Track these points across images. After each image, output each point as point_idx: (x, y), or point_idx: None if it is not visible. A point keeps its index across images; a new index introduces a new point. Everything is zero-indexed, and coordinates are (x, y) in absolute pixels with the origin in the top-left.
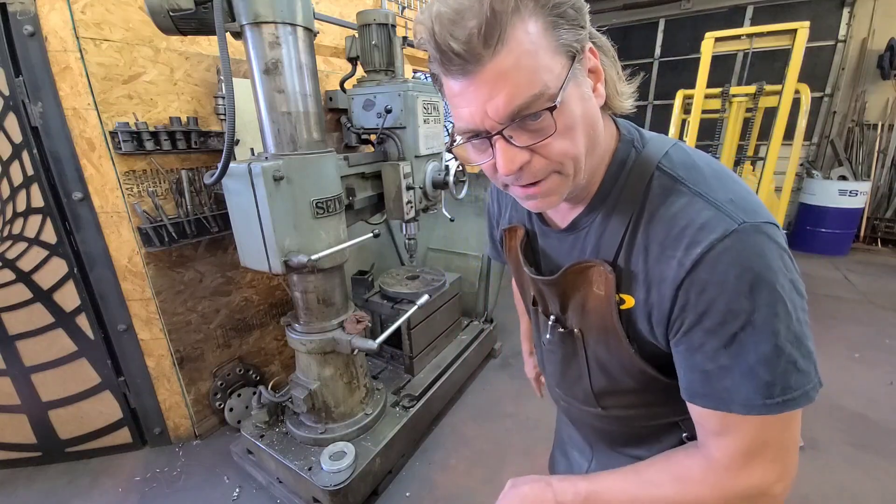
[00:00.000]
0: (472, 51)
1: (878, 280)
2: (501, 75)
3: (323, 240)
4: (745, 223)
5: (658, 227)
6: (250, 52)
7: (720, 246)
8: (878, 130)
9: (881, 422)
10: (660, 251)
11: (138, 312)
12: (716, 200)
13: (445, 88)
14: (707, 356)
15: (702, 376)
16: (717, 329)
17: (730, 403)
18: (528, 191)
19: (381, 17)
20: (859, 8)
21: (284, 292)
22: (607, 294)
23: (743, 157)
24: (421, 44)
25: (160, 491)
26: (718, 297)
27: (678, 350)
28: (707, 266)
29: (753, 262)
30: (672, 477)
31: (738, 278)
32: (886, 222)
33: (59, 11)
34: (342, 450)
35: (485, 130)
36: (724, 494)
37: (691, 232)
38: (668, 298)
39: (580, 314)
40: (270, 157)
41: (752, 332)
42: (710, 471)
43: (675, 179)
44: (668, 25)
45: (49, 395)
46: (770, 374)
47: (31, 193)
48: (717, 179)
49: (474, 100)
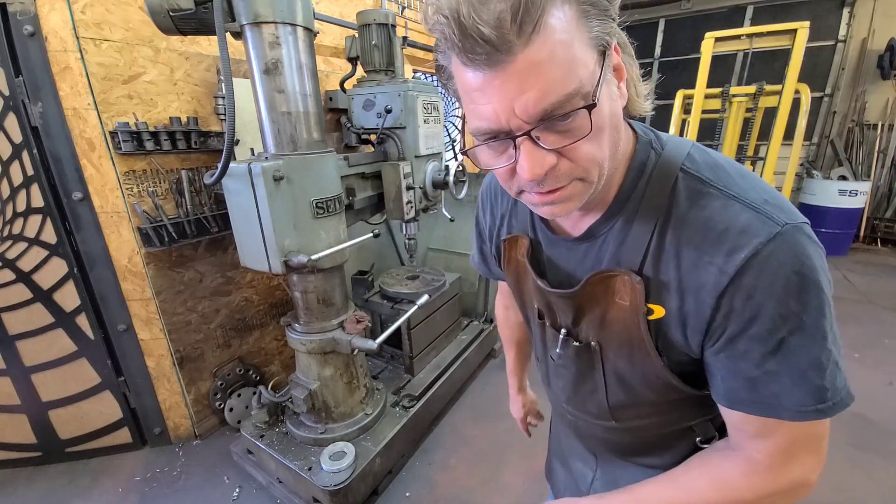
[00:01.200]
0: (504, 37)
1: (878, 280)
2: (535, 67)
3: (323, 240)
4: (788, 224)
5: (690, 232)
6: (250, 52)
7: (765, 250)
8: (878, 130)
9: (881, 422)
10: (696, 257)
11: (138, 312)
12: (752, 202)
13: (460, 82)
14: (753, 363)
15: (746, 383)
16: (766, 336)
17: (779, 410)
18: (546, 197)
19: (381, 17)
20: (859, 8)
21: (284, 292)
22: (633, 304)
23: (743, 157)
24: (436, 27)
25: (160, 491)
26: (767, 301)
27: (717, 358)
28: (754, 271)
29: (801, 264)
30: (711, 482)
31: (787, 281)
32: (886, 222)
33: (59, 11)
34: (342, 450)
35: (509, 130)
36: (767, 493)
37: (732, 236)
38: (708, 306)
39: (598, 326)
40: (270, 157)
41: (801, 335)
42: (751, 473)
43: (702, 181)
44: (668, 25)
45: (49, 395)
46: (820, 378)
47: (31, 193)
48: (744, 179)
49: (500, 95)
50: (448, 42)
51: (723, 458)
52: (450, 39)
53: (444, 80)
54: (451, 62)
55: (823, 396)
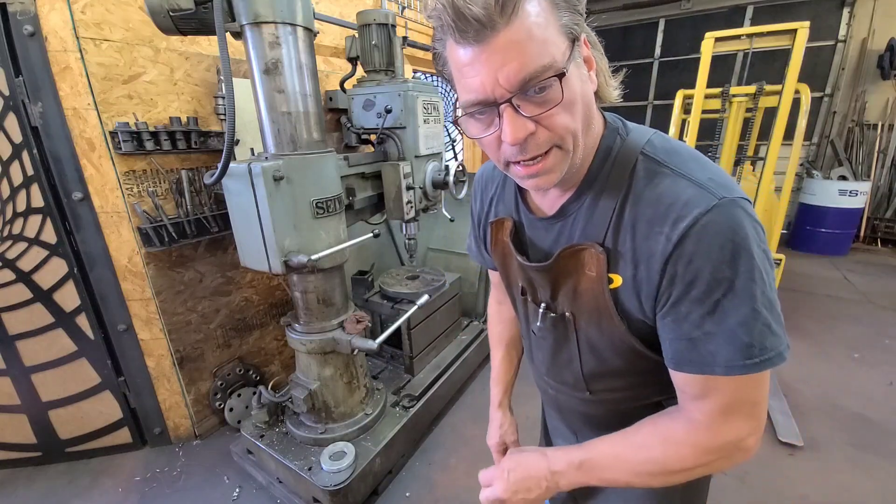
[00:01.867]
0: (490, 17)
1: (878, 280)
2: (515, 43)
3: (323, 240)
4: (725, 198)
5: (644, 207)
6: (250, 52)
7: (704, 219)
8: (878, 130)
9: (881, 422)
10: (647, 228)
11: (138, 312)
12: (697, 179)
13: (453, 62)
14: (693, 324)
15: (688, 344)
16: (703, 297)
17: (713, 366)
18: (530, 168)
19: (381, 17)
20: (859, 8)
21: (284, 292)
22: (599, 274)
23: (743, 157)
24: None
25: (160, 491)
26: (704, 266)
27: (665, 322)
28: (693, 238)
29: (734, 233)
30: (658, 439)
31: (722, 248)
32: (886, 222)
33: (59, 11)
34: (342, 450)
35: (493, 99)
36: (705, 450)
37: (677, 208)
38: (656, 272)
39: (571, 298)
40: (270, 157)
41: (732, 297)
42: (692, 431)
43: (658, 163)
44: (668, 25)
45: (49, 395)
46: (749, 336)
47: (31, 193)
48: (695, 161)
49: (486, 67)
50: (444, 26)
51: (670, 418)
52: (445, 22)
53: (439, 68)
54: (445, 46)
55: (751, 353)
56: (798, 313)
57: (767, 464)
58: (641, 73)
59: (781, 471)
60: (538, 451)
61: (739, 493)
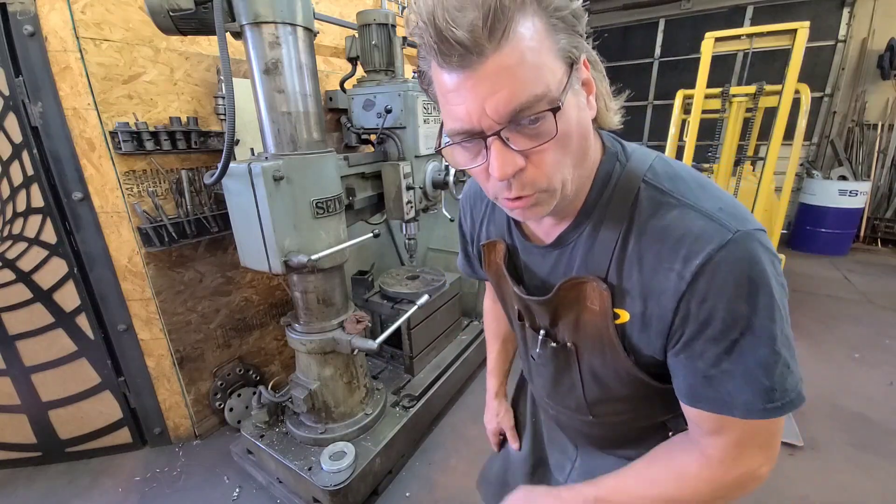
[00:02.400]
0: (476, 41)
1: (878, 280)
2: (505, 70)
3: (323, 240)
4: (739, 231)
5: (651, 240)
6: (250, 52)
7: (718, 256)
8: (878, 130)
9: (881, 422)
10: (656, 263)
11: (138, 312)
12: (707, 210)
13: (437, 85)
14: (709, 363)
15: (704, 381)
16: (720, 337)
17: (731, 408)
18: (515, 203)
19: (381, 17)
20: (859, 8)
21: (284, 292)
22: (602, 309)
23: (743, 157)
24: (415, 32)
25: (160, 491)
26: (719, 304)
27: (678, 359)
28: (707, 276)
29: (751, 268)
30: (673, 475)
31: (738, 286)
32: (886, 222)
33: (59, 11)
34: (342, 450)
35: (480, 130)
36: (720, 485)
37: (688, 243)
38: (669, 310)
39: (573, 329)
40: (270, 157)
41: (751, 337)
42: (706, 467)
43: (662, 191)
44: (668, 25)
45: (49, 395)
46: (769, 379)
47: (31, 193)
48: (701, 189)
49: (472, 96)
50: (426, 46)
51: (682, 451)
52: (428, 43)
53: (424, 86)
54: (430, 67)
55: (772, 397)
56: (798, 313)
57: None
58: (641, 73)
59: (781, 471)
60: (550, 491)
61: None
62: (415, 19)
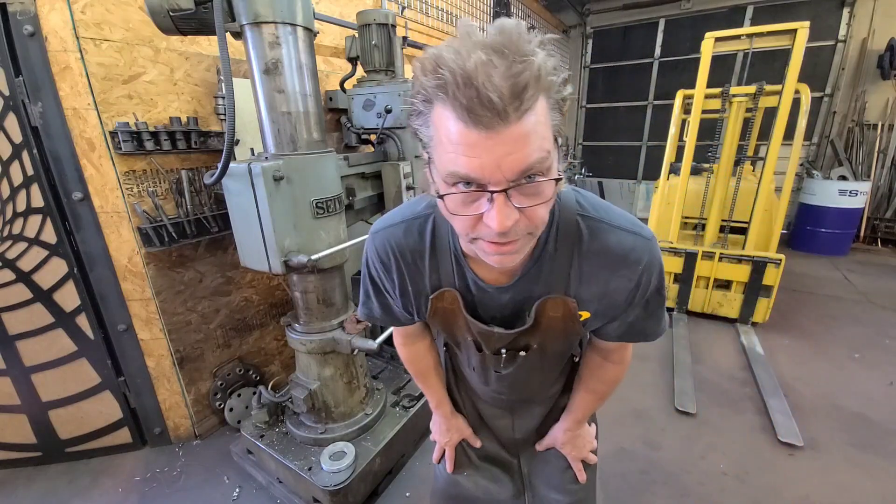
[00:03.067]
0: (506, 108)
1: (878, 280)
2: (521, 137)
3: (323, 240)
4: (649, 239)
5: (600, 259)
6: (250, 52)
7: (647, 258)
8: (878, 130)
9: (881, 422)
10: (610, 273)
11: (138, 312)
12: (629, 228)
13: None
14: (636, 317)
15: (631, 327)
16: (647, 304)
17: (647, 337)
18: (501, 248)
19: (381, 17)
20: (859, 8)
21: (284, 292)
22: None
23: (743, 157)
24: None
25: (160, 491)
26: (651, 287)
27: (615, 321)
28: (646, 275)
29: (660, 262)
30: (604, 382)
31: (657, 275)
32: (886, 222)
33: (59, 11)
34: (342, 450)
35: (488, 184)
36: (624, 370)
37: (630, 255)
38: (622, 301)
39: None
40: (270, 157)
41: (659, 299)
42: (620, 368)
43: (595, 220)
44: (668, 25)
45: (49, 395)
46: (662, 319)
47: (31, 193)
48: (614, 211)
49: (490, 154)
50: (449, 97)
51: (601, 369)
52: (453, 95)
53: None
54: (433, 110)
55: (664, 326)
56: (798, 313)
57: (767, 464)
58: (641, 73)
59: (781, 471)
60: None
61: (739, 493)
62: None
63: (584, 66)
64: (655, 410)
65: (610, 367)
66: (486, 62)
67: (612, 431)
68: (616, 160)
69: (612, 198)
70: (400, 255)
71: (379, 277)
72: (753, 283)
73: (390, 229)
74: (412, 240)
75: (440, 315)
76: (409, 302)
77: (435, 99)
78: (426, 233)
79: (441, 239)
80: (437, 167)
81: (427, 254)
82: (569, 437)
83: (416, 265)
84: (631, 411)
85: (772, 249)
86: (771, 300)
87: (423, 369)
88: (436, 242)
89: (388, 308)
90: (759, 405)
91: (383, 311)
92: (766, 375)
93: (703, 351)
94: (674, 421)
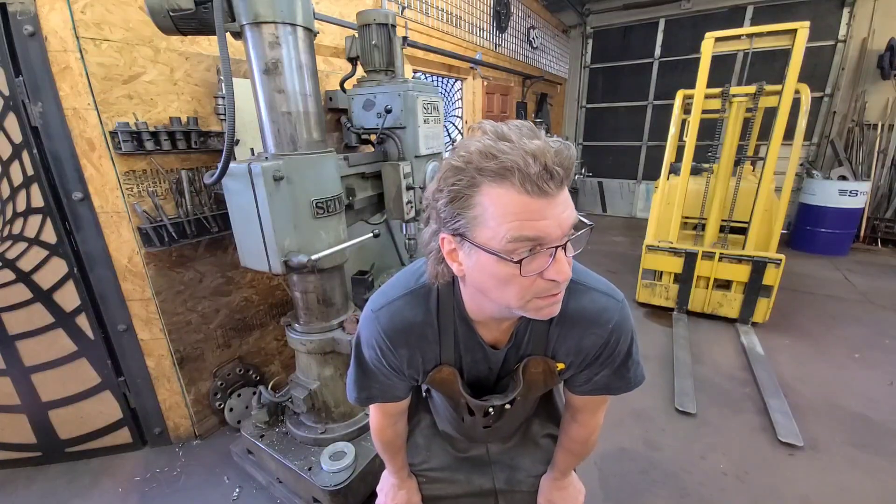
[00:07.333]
0: (561, 179)
1: (878, 280)
2: (567, 199)
3: (323, 240)
4: (620, 301)
5: (575, 319)
6: (250, 52)
7: (616, 318)
8: (878, 130)
9: (881, 422)
10: (582, 332)
11: (138, 312)
12: (601, 289)
13: (499, 206)
14: (606, 375)
15: (600, 382)
16: (614, 362)
17: (613, 391)
18: (556, 298)
19: (381, 17)
20: (859, 8)
21: (284, 292)
22: (549, 370)
23: (743, 157)
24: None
25: (160, 491)
26: (618, 346)
27: (583, 372)
28: (616, 333)
29: (630, 324)
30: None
31: (626, 334)
32: (886, 222)
33: (59, 11)
34: (342, 450)
35: (554, 238)
36: (597, 429)
37: (603, 314)
38: (592, 355)
39: (525, 390)
40: (270, 157)
41: (630, 361)
42: (595, 428)
43: (574, 282)
44: (668, 25)
45: (49, 395)
46: (634, 376)
47: (31, 193)
48: (591, 275)
49: (554, 213)
50: (516, 175)
51: (571, 426)
52: (522, 173)
53: (458, 207)
54: (478, 192)
55: (635, 383)
56: (798, 313)
57: (767, 464)
58: (641, 73)
59: (781, 471)
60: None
61: (739, 493)
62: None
63: (584, 66)
64: (655, 410)
65: (576, 428)
66: (543, 146)
67: (612, 431)
68: (616, 160)
69: (612, 198)
70: (409, 328)
71: (381, 358)
72: (753, 283)
73: (394, 304)
74: (420, 311)
75: (438, 382)
76: (416, 371)
77: (486, 181)
78: (431, 304)
79: (445, 308)
80: (491, 239)
81: (434, 332)
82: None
83: (425, 335)
84: (631, 411)
85: (772, 249)
86: (771, 300)
87: (398, 447)
88: (441, 313)
89: (389, 389)
90: (759, 405)
91: (383, 393)
92: (766, 375)
93: (703, 351)
94: (674, 421)
